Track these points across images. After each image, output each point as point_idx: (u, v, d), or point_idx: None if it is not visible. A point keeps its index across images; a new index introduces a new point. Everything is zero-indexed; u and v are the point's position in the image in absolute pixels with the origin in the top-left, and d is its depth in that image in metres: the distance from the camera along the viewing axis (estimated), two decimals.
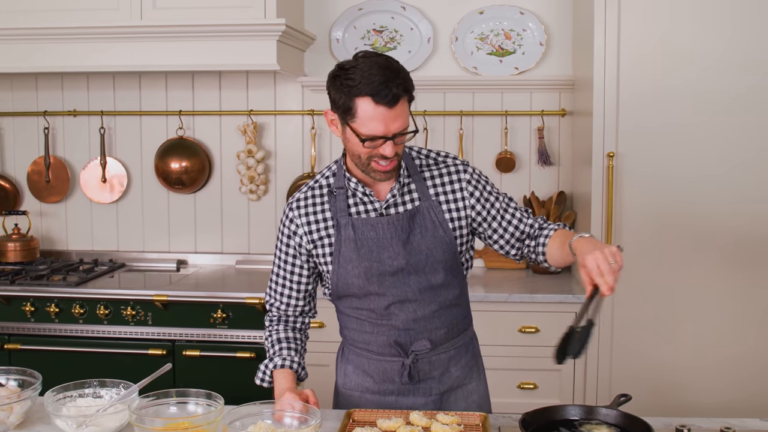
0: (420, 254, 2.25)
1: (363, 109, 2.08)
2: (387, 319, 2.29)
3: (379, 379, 2.36)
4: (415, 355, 2.30)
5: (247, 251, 4.40)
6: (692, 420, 2.17)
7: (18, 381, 2.26)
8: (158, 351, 3.65)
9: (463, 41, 4.18)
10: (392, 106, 2.08)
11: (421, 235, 2.26)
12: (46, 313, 3.72)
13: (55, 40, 3.81)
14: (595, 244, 2.02)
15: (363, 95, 2.07)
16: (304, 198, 2.35)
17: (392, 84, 2.07)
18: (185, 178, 4.34)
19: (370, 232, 2.26)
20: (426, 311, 2.28)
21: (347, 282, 2.28)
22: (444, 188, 2.31)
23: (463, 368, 2.40)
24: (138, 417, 1.97)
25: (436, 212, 2.28)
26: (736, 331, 3.52)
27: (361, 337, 2.36)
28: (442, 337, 2.33)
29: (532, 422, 1.99)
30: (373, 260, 2.25)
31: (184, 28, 3.70)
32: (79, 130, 4.45)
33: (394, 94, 2.07)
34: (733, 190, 3.46)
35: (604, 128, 3.51)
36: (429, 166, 2.34)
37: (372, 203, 2.28)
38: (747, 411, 3.40)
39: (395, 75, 2.09)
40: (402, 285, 2.26)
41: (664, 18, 3.44)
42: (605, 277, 1.94)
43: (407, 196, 2.29)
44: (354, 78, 2.08)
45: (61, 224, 4.51)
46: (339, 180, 2.31)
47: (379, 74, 2.07)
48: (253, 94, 4.33)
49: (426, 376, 2.34)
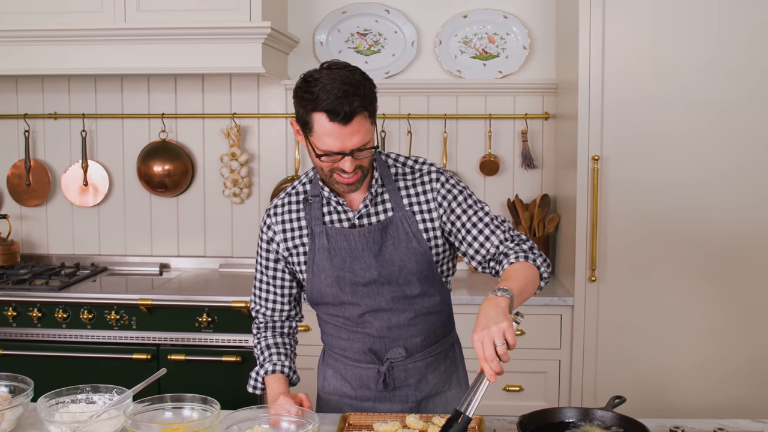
0: (393, 266, 2.23)
1: (319, 124, 2.04)
2: (362, 327, 2.29)
3: (356, 385, 2.36)
4: (390, 362, 2.30)
5: (230, 255, 4.39)
6: (684, 421, 2.19)
7: (9, 387, 2.23)
8: (143, 355, 3.62)
9: (446, 45, 4.19)
10: (346, 123, 2.03)
11: (393, 246, 2.23)
12: (28, 317, 3.68)
13: (36, 42, 3.77)
14: (491, 316, 1.87)
15: (318, 110, 2.03)
16: (281, 205, 2.34)
17: (348, 100, 2.01)
18: (168, 182, 4.31)
19: (343, 242, 2.24)
20: (401, 319, 2.27)
21: (321, 291, 2.28)
22: (418, 198, 2.27)
23: (442, 375, 2.39)
24: (133, 422, 1.96)
25: (410, 223, 2.25)
26: (719, 334, 3.55)
27: (338, 343, 2.36)
28: (418, 345, 2.32)
29: (529, 424, 2.00)
30: (345, 270, 2.23)
31: (168, 31, 3.68)
32: (60, 133, 4.41)
33: (346, 111, 2.01)
34: (719, 196, 3.50)
35: (589, 131, 3.53)
36: (404, 175, 2.29)
37: (345, 212, 2.26)
38: (732, 413, 3.44)
39: (354, 90, 2.02)
40: (375, 295, 2.24)
41: (649, 23, 3.47)
42: (490, 364, 1.81)
43: (380, 206, 2.27)
44: (312, 92, 2.03)
45: (42, 228, 4.46)
46: (315, 188, 2.30)
47: (336, 89, 2.01)
48: (237, 97, 4.31)
49: (402, 383, 2.33)
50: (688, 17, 3.45)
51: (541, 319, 3.61)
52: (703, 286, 3.54)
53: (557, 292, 3.69)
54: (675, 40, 3.46)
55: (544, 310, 3.61)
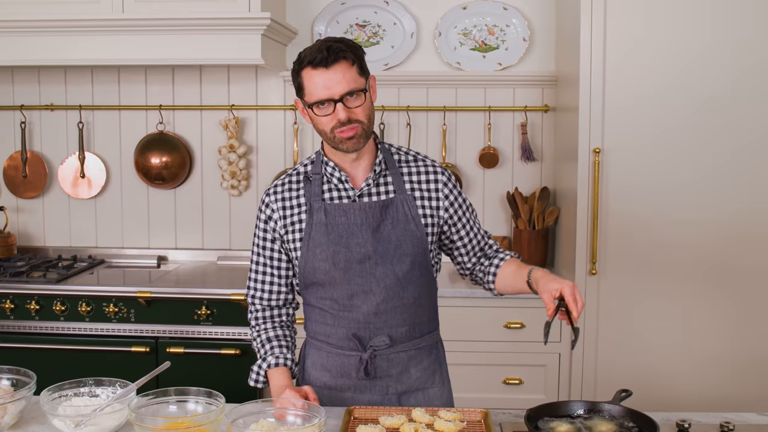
0: (389, 244, 2.25)
1: (307, 78, 2.16)
2: (348, 310, 2.28)
3: (336, 373, 2.35)
4: (373, 350, 2.29)
5: (228, 247, 4.37)
6: (690, 415, 2.19)
7: (11, 380, 2.22)
8: (141, 348, 3.61)
9: (446, 36, 4.18)
10: (329, 67, 2.12)
11: (392, 225, 2.26)
12: (26, 310, 3.66)
13: (32, 33, 3.74)
14: (556, 277, 2.15)
15: (304, 67, 2.16)
16: (281, 184, 2.37)
17: (327, 47, 2.13)
18: (165, 174, 4.29)
19: (342, 217, 2.26)
20: (388, 305, 2.27)
21: (314, 267, 2.27)
22: (420, 185, 2.33)
23: (424, 371, 2.38)
24: (138, 416, 1.94)
25: (410, 206, 2.29)
26: (722, 327, 3.54)
27: (323, 329, 2.35)
28: (403, 335, 2.32)
29: (536, 418, 1.99)
30: (341, 245, 2.24)
31: (166, 21, 3.66)
32: (57, 125, 4.37)
33: (325, 56, 2.11)
34: (722, 187, 3.49)
35: (590, 124, 3.52)
36: (408, 162, 2.36)
37: (346, 190, 2.29)
38: (734, 407, 3.45)
39: (335, 41, 2.16)
40: (367, 275, 2.25)
41: (651, 13, 3.45)
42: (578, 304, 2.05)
43: (382, 187, 2.30)
44: (300, 56, 2.18)
45: (38, 220, 4.43)
46: (317, 166, 2.34)
47: (319, 44, 2.15)
48: (235, 88, 4.29)
49: (383, 373, 2.32)
50: (692, 6, 3.43)
51: (541, 311, 3.60)
52: (706, 279, 3.54)
53: None
54: (679, 30, 3.45)
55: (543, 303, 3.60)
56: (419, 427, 2.00)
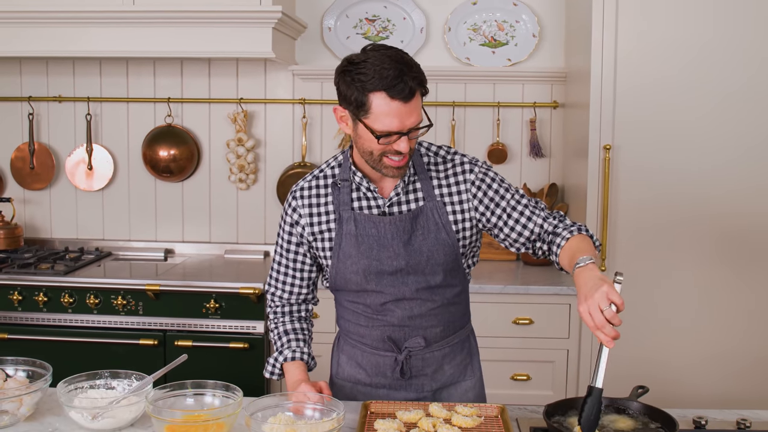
0: (421, 256, 2.21)
1: (377, 104, 2.01)
2: (382, 315, 2.27)
3: (371, 372, 2.34)
4: (408, 351, 2.28)
5: (235, 241, 4.36)
6: (705, 411, 2.19)
7: (27, 372, 2.21)
8: (149, 341, 3.60)
9: (455, 32, 4.17)
10: (407, 101, 2.02)
11: (423, 236, 2.22)
12: (34, 302, 3.65)
13: (41, 24, 3.73)
14: (590, 285, 1.91)
15: (377, 90, 2.00)
16: (308, 188, 2.31)
17: (406, 78, 2.00)
18: (173, 167, 4.28)
19: (372, 229, 2.22)
20: (422, 309, 2.26)
21: (345, 278, 2.26)
22: (450, 189, 2.26)
23: (458, 366, 2.38)
24: (155, 408, 1.94)
25: (440, 213, 2.23)
26: (733, 323, 3.54)
27: (356, 330, 2.34)
28: (437, 335, 2.31)
29: (554, 413, 1.99)
30: (372, 258, 2.21)
31: (175, 14, 3.65)
32: (65, 117, 4.36)
33: (410, 88, 2.01)
34: (730, 184, 3.49)
35: (600, 120, 3.51)
36: (437, 165, 2.28)
37: (375, 200, 2.24)
38: (749, 404, 3.45)
39: (408, 68, 2.03)
40: (400, 284, 2.23)
41: (663, 10, 3.44)
42: (603, 330, 1.85)
43: (411, 195, 2.24)
44: (366, 72, 2.01)
45: (45, 212, 4.43)
46: (344, 172, 2.27)
47: (392, 68, 2.00)
48: (243, 82, 4.28)
49: (418, 372, 2.32)
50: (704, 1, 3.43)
51: (550, 308, 3.60)
52: (717, 275, 3.53)
53: (566, 281, 3.67)
54: (690, 25, 3.44)
55: (552, 299, 3.60)
56: (437, 422, 2.00)
